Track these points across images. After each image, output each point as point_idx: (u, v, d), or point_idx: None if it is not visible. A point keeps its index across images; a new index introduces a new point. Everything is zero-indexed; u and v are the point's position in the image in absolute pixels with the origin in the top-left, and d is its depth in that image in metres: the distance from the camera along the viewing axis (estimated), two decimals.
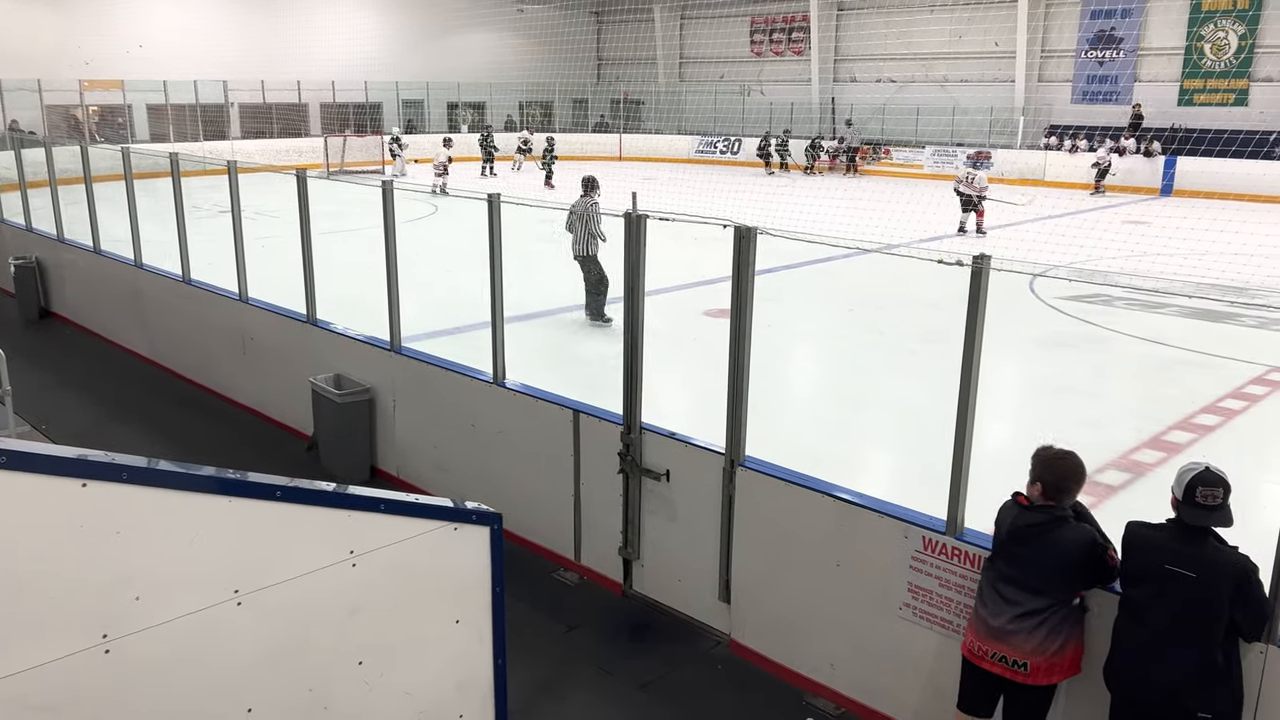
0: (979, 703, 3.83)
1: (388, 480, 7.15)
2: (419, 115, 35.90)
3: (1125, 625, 3.51)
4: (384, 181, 6.69)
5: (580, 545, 5.92)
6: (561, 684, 4.90)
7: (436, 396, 6.72)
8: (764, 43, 36.49)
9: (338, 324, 7.70)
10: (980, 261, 3.94)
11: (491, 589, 3.28)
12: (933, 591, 4.23)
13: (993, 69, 30.48)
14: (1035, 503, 3.67)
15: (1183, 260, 14.82)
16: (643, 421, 5.39)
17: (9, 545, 2.27)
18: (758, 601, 5.01)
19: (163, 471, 2.62)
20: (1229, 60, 26.34)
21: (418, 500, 3.22)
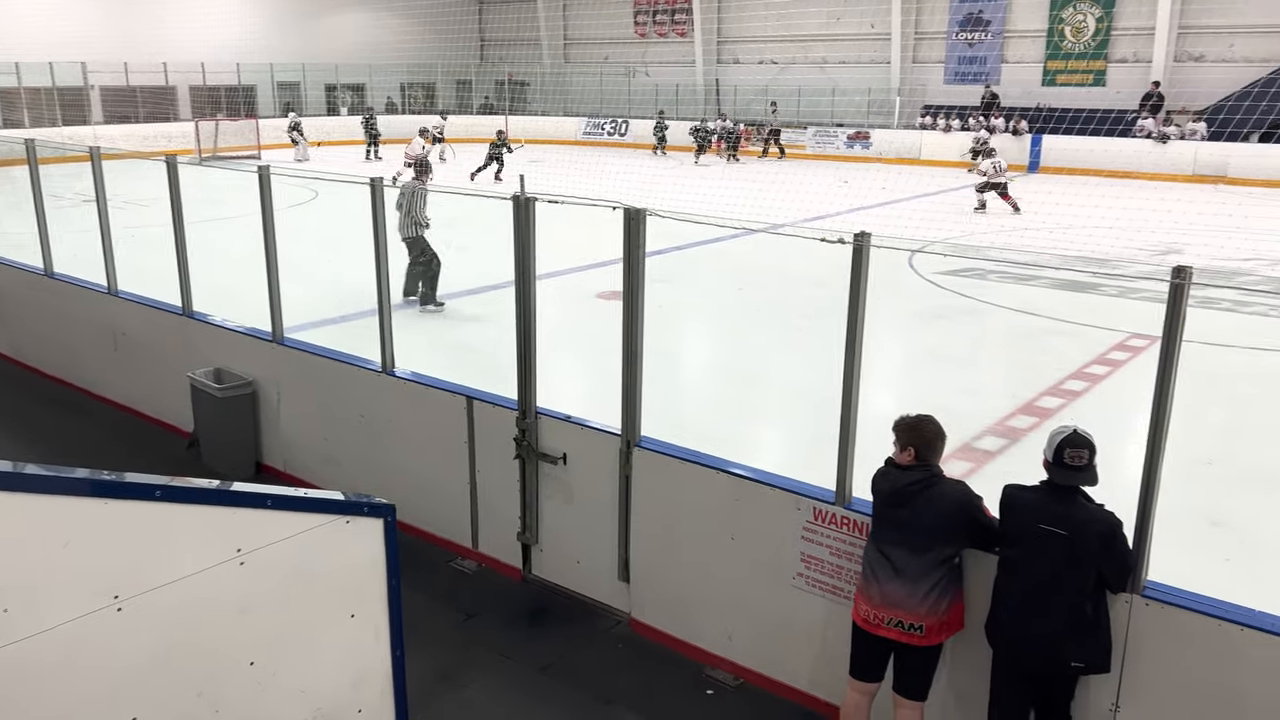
0: (872, 668, 3.96)
1: (275, 476, 6.94)
2: (295, 97, 34.71)
3: (1005, 583, 3.70)
4: (260, 167, 6.45)
5: (477, 533, 5.88)
6: (461, 672, 4.87)
7: (323, 388, 6.55)
8: (648, 24, 36.55)
9: (216, 316, 7.42)
10: (861, 239, 4.06)
11: (386, 581, 3.24)
12: (824, 560, 4.36)
13: (869, 50, 31.26)
14: (911, 464, 3.82)
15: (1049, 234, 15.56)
16: (538, 406, 5.38)
17: None
18: (656, 579, 5.07)
19: (30, 476, 2.49)
20: (1088, 42, 27.66)
21: (307, 494, 3.15)
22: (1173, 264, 3.47)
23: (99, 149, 8.03)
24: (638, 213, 4.75)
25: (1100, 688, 3.70)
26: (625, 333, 4.92)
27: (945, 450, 3.92)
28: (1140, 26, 26.62)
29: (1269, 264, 14.03)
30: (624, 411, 4.99)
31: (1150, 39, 26.42)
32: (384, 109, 35.81)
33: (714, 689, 4.73)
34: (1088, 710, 3.74)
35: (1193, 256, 13.63)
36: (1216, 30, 25.59)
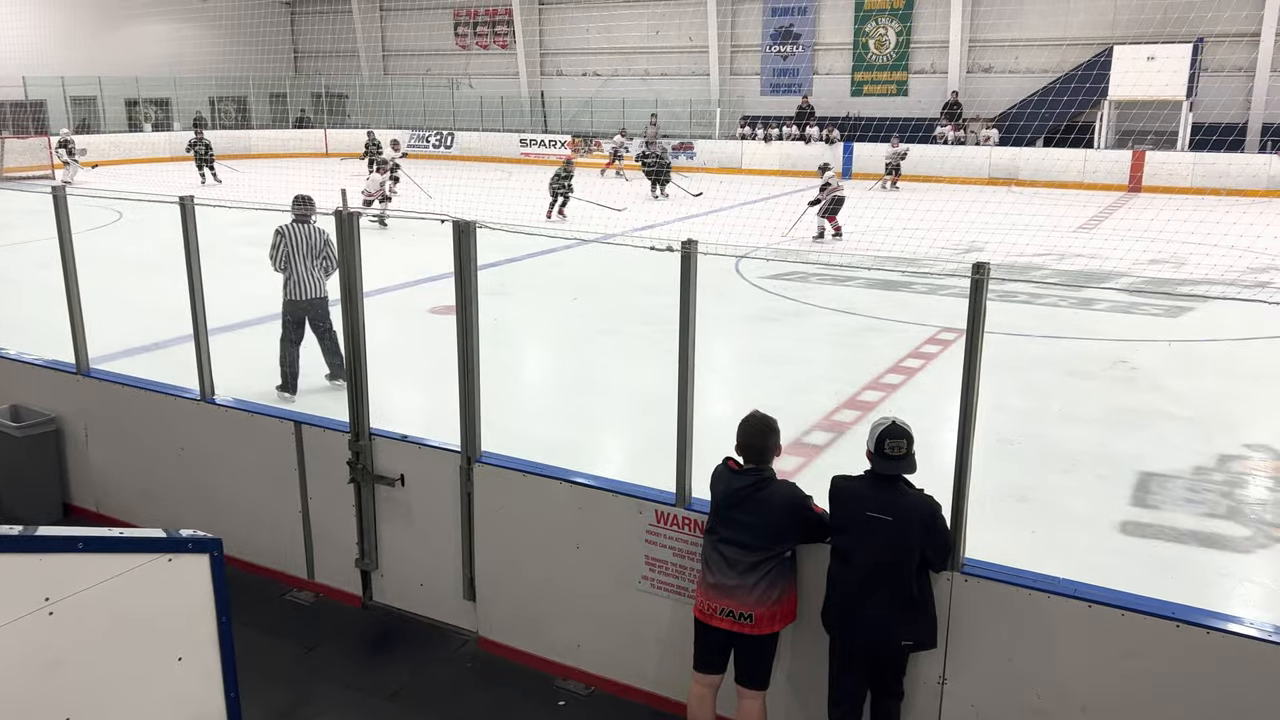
0: (712, 660, 4.07)
1: (86, 517, 6.47)
2: (93, 113, 32.45)
3: (837, 570, 3.87)
4: (54, 187, 6.01)
5: (313, 562, 5.66)
6: (303, 708, 4.67)
7: (136, 420, 6.15)
8: (469, 36, 36.24)
9: (11, 349, 6.85)
10: (688, 246, 4.16)
11: (216, 619, 3.07)
12: (667, 561, 4.44)
13: (690, 63, 32.10)
14: (745, 466, 3.96)
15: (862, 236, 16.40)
16: (371, 427, 5.24)
17: None
18: (503, 594, 5.03)
19: None
20: (890, 54, 29.35)
21: (123, 534, 2.95)
22: (974, 261, 3.73)
23: None
24: (468, 225, 4.70)
25: (929, 662, 3.93)
26: (460, 347, 4.86)
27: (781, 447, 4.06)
28: (935, 40, 28.50)
29: (1058, 258, 15.28)
30: (463, 427, 4.92)
31: (945, 51, 28.32)
32: (192, 123, 33.99)
33: (565, 699, 4.73)
34: (918, 684, 3.96)
35: (991, 253, 14.68)
36: (1001, 44, 27.68)
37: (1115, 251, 14.44)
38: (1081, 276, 13.94)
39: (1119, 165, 24.46)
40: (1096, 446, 7.58)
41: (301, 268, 8.14)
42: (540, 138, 32.71)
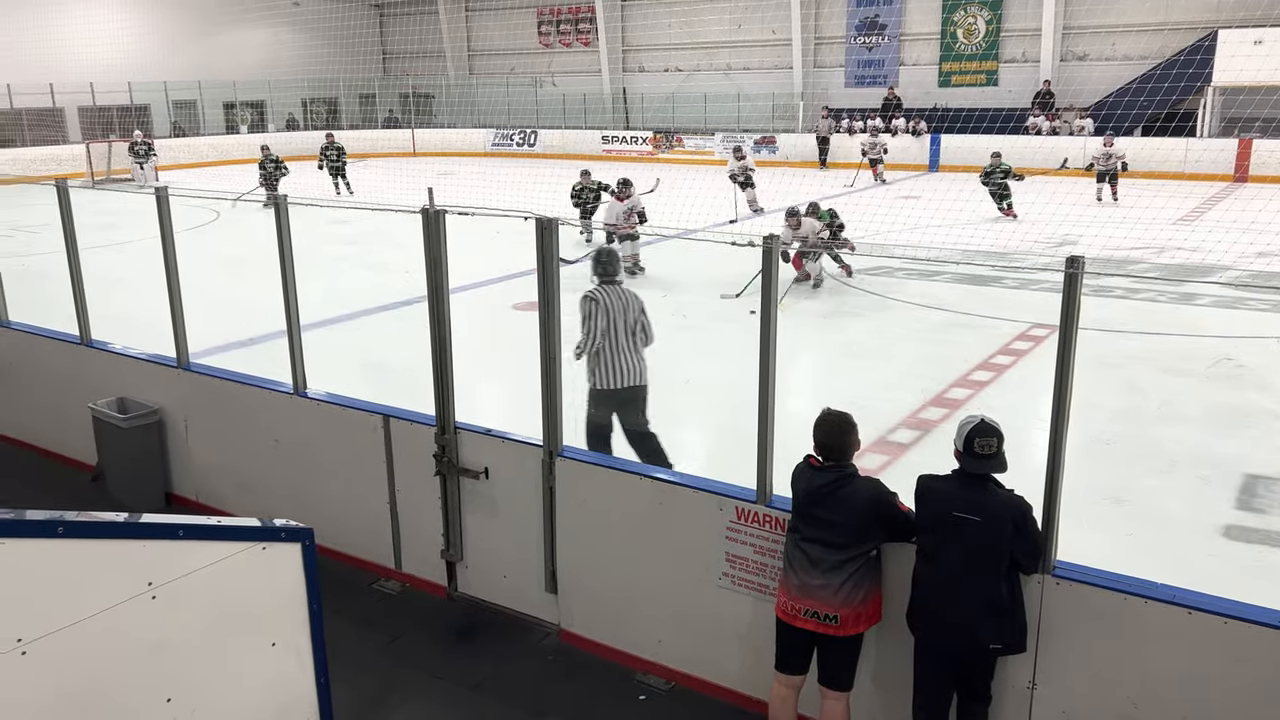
0: (795, 660, 4.03)
1: (186, 505, 6.73)
2: (191, 117, 33.72)
3: (922, 571, 3.80)
4: (157, 188, 6.26)
5: (400, 553, 5.79)
6: (390, 695, 4.78)
7: (233, 412, 6.37)
8: (552, 34, 36.55)
9: (117, 344, 7.16)
10: (770, 241, 4.13)
11: (308, 607, 3.17)
12: (748, 559, 4.42)
13: (772, 56, 31.82)
14: (824, 464, 3.91)
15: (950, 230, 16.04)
16: (457, 421, 5.33)
17: None
18: (584, 588, 5.07)
19: None
20: (979, 43, 28.64)
21: (220, 523, 3.06)
22: (1067, 255, 3.62)
23: None
24: (550, 222, 4.75)
25: (1018, 667, 3.83)
26: (543, 343, 4.91)
27: (863, 444, 4.01)
28: (1027, 28, 27.69)
29: (1156, 251, 14.71)
30: (545, 422, 4.97)
31: (1037, 39, 27.49)
32: (285, 125, 35.05)
33: (646, 694, 4.74)
34: (1006, 689, 3.86)
35: (1086, 247, 14.21)
36: (1098, 30, 26.75)
37: (1219, 244, 13.84)
38: (1182, 270, 13.39)
39: (1224, 154, 23.41)
40: (1197, 447, 7.28)
41: (623, 343, 6.29)
42: (622, 134, 32.82)
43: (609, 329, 6.20)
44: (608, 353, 6.22)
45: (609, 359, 6.23)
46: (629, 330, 6.28)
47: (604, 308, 6.20)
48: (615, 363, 6.24)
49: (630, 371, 6.30)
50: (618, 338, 6.24)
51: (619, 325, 6.23)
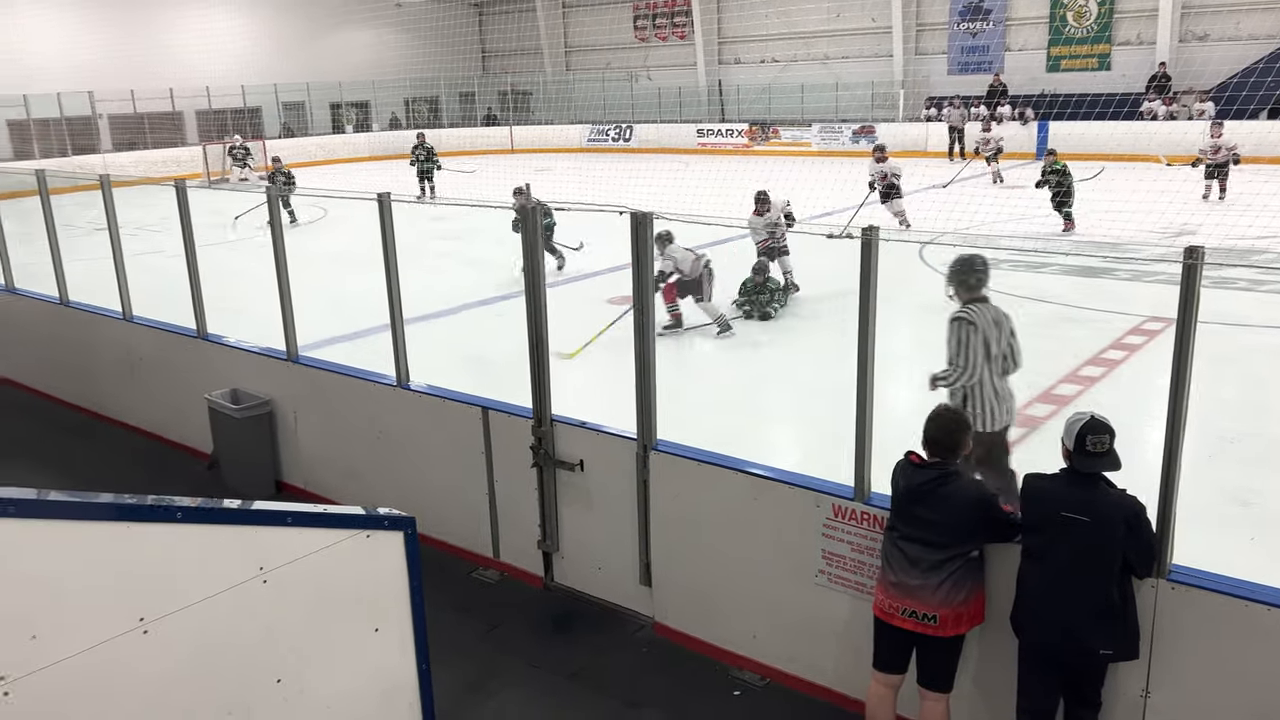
0: (893, 660, 3.96)
1: (295, 493, 6.98)
2: (300, 118, 34.93)
3: (1029, 572, 3.68)
4: (267, 187, 6.49)
5: (498, 542, 5.89)
6: (489, 682, 4.87)
7: (339, 404, 6.58)
8: (648, 28, 36.60)
9: (231, 337, 7.47)
10: (869, 233, 4.05)
11: (410, 594, 3.24)
12: (845, 556, 4.35)
13: (871, 44, 31.22)
14: (928, 460, 3.81)
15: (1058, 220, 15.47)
16: (553, 413, 5.39)
17: None
18: (679, 582, 5.07)
19: (53, 503, 2.51)
20: (1090, 26, 27.54)
21: (327, 510, 3.16)
22: (1185, 245, 3.45)
23: (108, 176, 8.10)
24: (644, 216, 4.75)
25: (1130, 674, 3.67)
26: (637, 336, 4.93)
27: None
28: (1143, 8, 26.50)
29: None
30: (639, 415, 4.99)
31: (1154, 20, 26.29)
32: (388, 124, 35.98)
33: (741, 689, 4.72)
34: (1118, 697, 3.71)
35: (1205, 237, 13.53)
36: (1219, 9, 25.43)
37: None
38: None
39: None
40: None
41: (994, 372, 5.26)
42: (717, 127, 32.67)
43: (984, 358, 5.15)
44: (982, 387, 5.15)
45: (980, 394, 5.14)
46: (999, 356, 5.25)
47: (981, 332, 5.16)
48: (989, 399, 5.18)
49: (1004, 409, 5.24)
50: (990, 366, 5.19)
51: (991, 352, 5.20)
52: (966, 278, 5.31)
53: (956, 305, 5.27)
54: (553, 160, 29.64)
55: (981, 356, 5.12)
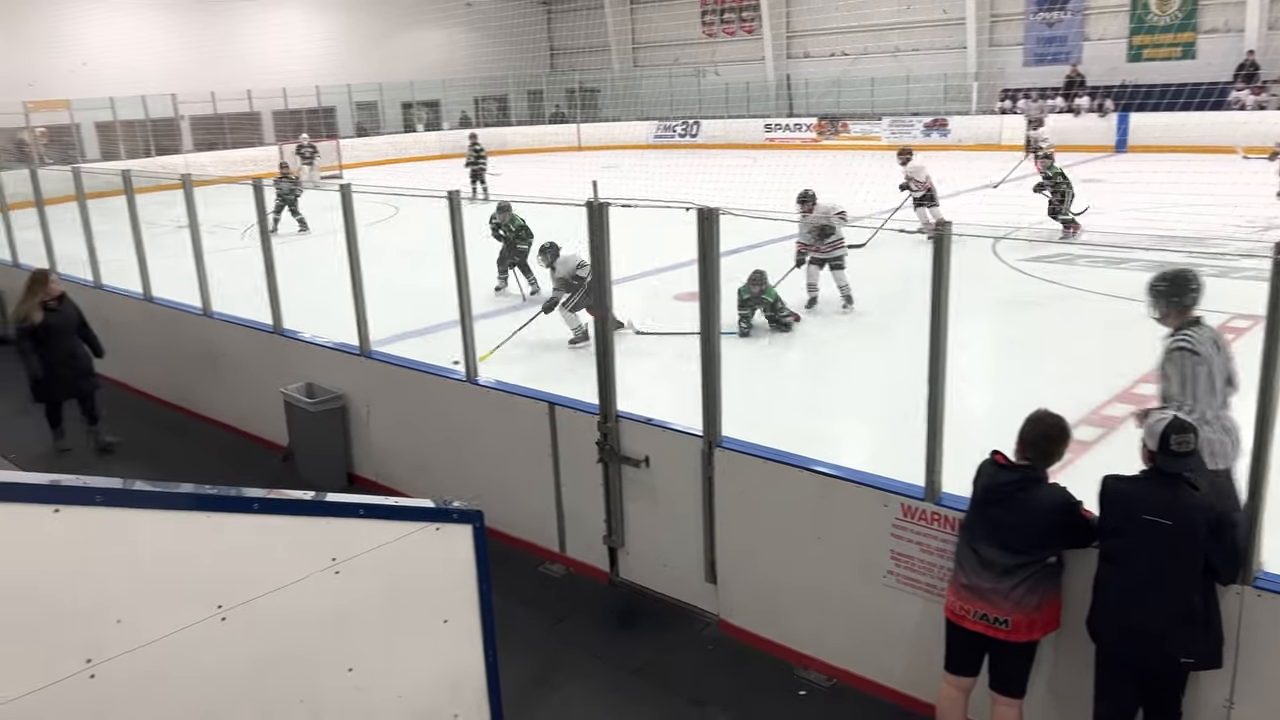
0: (964, 662, 3.88)
1: (367, 486, 7.11)
2: (372, 117, 35.57)
3: (1107, 576, 3.57)
4: (342, 185, 6.63)
5: (564, 537, 5.93)
6: (554, 675, 4.91)
7: (410, 398, 6.68)
8: (715, 23, 36.45)
9: (306, 332, 7.64)
10: (941, 229, 3.97)
11: (478, 586, 3.28)
12: (915, 558, 4.28)
13: (944, 36, 30.63)
14: (1014, 462, 3.71)
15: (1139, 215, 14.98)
16: (618, 409, 5.40)
17: None
18: (744, 580, 5.04)
19: (137, 492, 2.59)
20: (1174, 14, 26.63)
21: (397, 503, 3.21)
22: (1276, 240, 3.31)
23: (189, 176, 8.35)
24: (711, 212, 4.73)
25: (1213, 683, 3.55)
26: (703, 333, 4.91)
27: None
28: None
29: None
30: (704, 412, 4.97)
31: (1241, 7, 25.32)
32: (458, 123, 36.44)
33: (807, 689, 4.68)
34: (1199, 707, 3.59)
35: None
36: None
37: None
38: None
39: None
40: None
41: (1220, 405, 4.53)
42: (785, 121, 32.40)
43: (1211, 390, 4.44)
44: (1205, 422, 4.33)
45: (1204, 430, 4.11)
46: (1223, 385, 4.53)
47: (1206, 362, 4.45)
48: (1215, 435, 4.41)
49: (1232, 442, 4.44)
50: (1214, 398, 4.47)
51: (1216, 384, 4.49)
52: (1180, 297, 4.63)
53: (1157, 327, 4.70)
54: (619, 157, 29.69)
55: (1205, 389, 4.42)
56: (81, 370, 7.98)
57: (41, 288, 7.75)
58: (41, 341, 7.69)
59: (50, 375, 7.78)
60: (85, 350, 8.05)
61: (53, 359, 7.74)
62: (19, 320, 7.69)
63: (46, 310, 7.71)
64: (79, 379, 7.97)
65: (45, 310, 7.70)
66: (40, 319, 7.64)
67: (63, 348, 7.81)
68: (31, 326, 7.63)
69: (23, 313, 7.67)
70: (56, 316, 7.77)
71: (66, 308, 7.92)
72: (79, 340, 7.99)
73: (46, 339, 7.70)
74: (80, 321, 8.03)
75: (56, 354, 7.77)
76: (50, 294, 7.77)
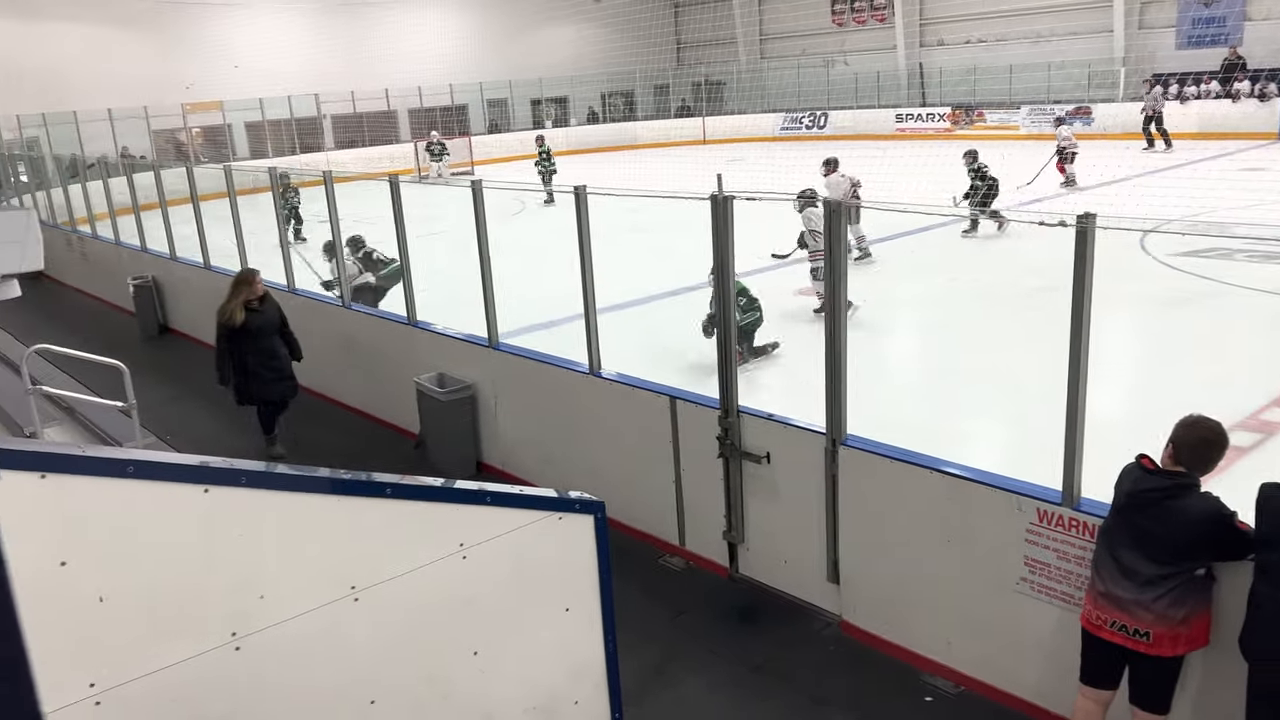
0: (1102, 674, 3.69)
1: (493, 474, 7.28)
2: (503, 114, 36.37)
3: (1263, 591, 3.33)
4: (473, 181, 6.79)
5: (684, 530, 5.93)
6: (673, 667, 4.92)
7: (535, 390, 6.81)
8: (845, 13, 35.76)
9: (437, 324, 7.87)
10: (1085, 221, 3.78)
11: (598, 576, 3.31)
12: (1050, 565, 4.10)
13: (1088, 19, 29.21)
14: (1164, 467, 3.51)
15: None
16: (740, 405, 5.36)
17: (140, 550, 2.38)
18: (868, 581, 4.94)
19: (279, 475, 2.71)
20: None
21: (522, 492, 3.27)
22: None
23: (330, 173, 8.72)
24: (837, 205, 4.64)
25: None
26: (828, 327, 4.82)
27: None
28: None
29: None
30: (828, 409, 4.88)
31: None
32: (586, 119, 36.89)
33: (933, 696, 4.55)
34: None
35: None
36: None
37: None
38: None
39: None
40: None
41: None
42: (917, 111, 31.53)
43: None
44: None
45: None
46: None
47: None
48: None
49: None
50: None
51: None
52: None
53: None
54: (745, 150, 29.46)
55: None
56: (279, 373, 7.71)
57: (246, 288, 7.55)
58: (242, 343, 7.51)
59: (248, 378, 7.60)
60: (285, 353, 7.80)
61: (252, 362, 7.55)
62: (223, 319, 7.50)
63: (249, 311, 7.51)
64: (276, 382, 7.70)
65: (248, 311, 7.50)
66: (242, 319, 7.45)
67: (263, 349, 7.59)
68: (233, 327, 7.45)
69: (227, 312, 7.49)
70: (258, 317, 7.55)
71: (269, 308, 7.69)
72: (279, 341, 7.75)
73: (247, 340, 7.52)
74: (281, 322, 7.80)
75: (257, 356, 7.56)
76: (254, 294, 7.56)
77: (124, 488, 2.31)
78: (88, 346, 8.48)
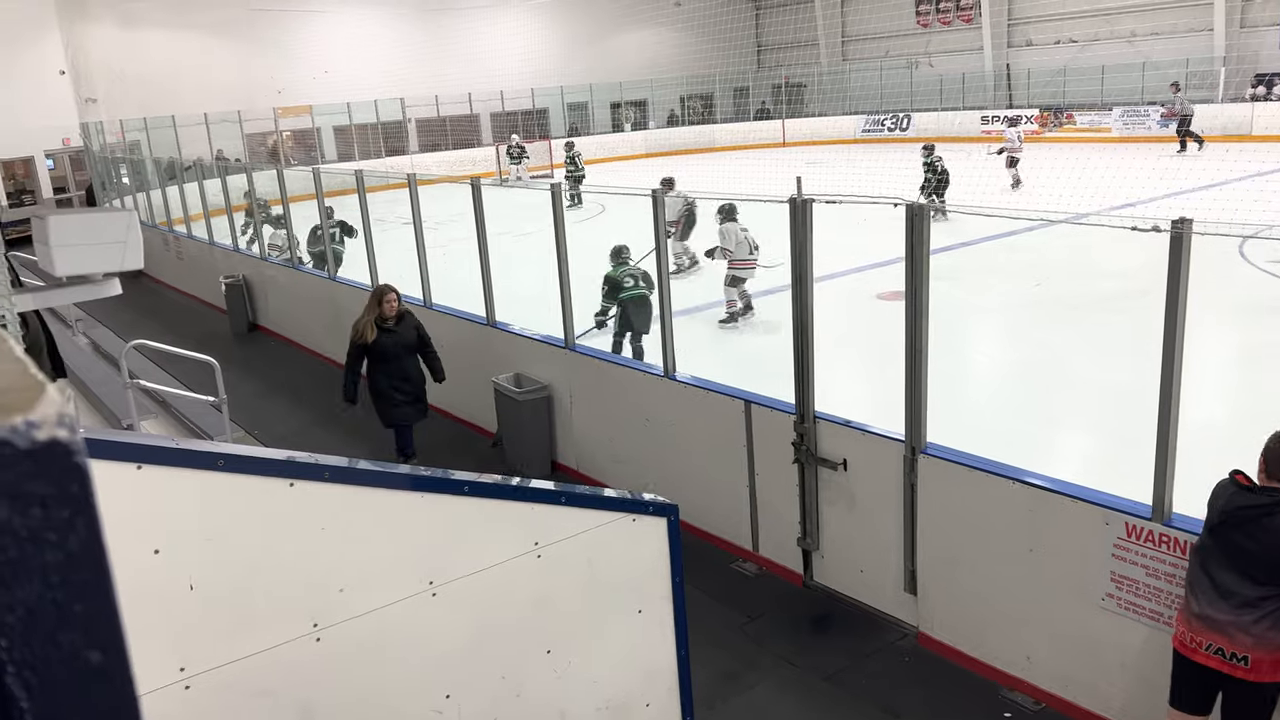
0: (1194, 699, 3.55)
1: (568, 474, 7.34)
2: (583, 117, 36.65)
3: None
4: (552, 184, 6.86)
5: (758, 536, 5.89)
6: (745, 673, 4.89)
7: (610, 391, 6.83)
8: (930, 13, 35.13)
9: (516, 324, 7.96)
10: (1180, 226, 3.65)
11: (671, 579, 3.30)
12: (1139, 581, 3.96)
13: (1186, 18, 28.17)
14: (1259, 484, 3.36)
15: None
16: (816, 410, 5.30)
17: (228, 541, 2.46)
18: (946, 593, 4.84)
19: (361, 470, 2.78)
20: None
21: (597, 493, 3.28)
22: None
23: (414, 175, 8.89)
24: (921, 208, 4.56)
25: None
26: (909, 334, 4.74)
27: None
28: None
29: None
30: (908, 416, 4.80)
31: None
32: (665, 121, 36.94)
33: (1012, 712, 4.44)
34: None
35: None
36: None
37: None
38: None
39: None
40: None
41: None
42: (1003, 114, 30.78)
43: None
44: None
45: None
46: None
47: None
48: None
49: None
50: None
51: None
52: None
53: None
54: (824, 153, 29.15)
55: None
56: (409, 395, 7.18)
57: (378, 305, 7.06)
58: (373, 361, 7.09)
59: (378, 397, 7.20)
60: (420, 374, 7.28)
61: (383, 382, 7.11)
62: (356, 335, 7.09)
63: (382, 330, 7.01)
64: (404, 405, 7.18)
65: (380, 330, 7.00)
66: (373, 338, 6.99)
67: (394, 371, 7.09)
68: (364, 345, 7.02)
69: (359, 329, 7.08)
70: (390, 337, 7.04)
71: (404, 328, 7.15)
72: (414, 362, 7.24)
73: (376, 359, 7.08)
74: (420, 341, 7.26)
75: (388, 377, 7.10)
76: (387, 313, 7.03)
77: (214, 480, 2.40)
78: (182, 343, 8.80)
